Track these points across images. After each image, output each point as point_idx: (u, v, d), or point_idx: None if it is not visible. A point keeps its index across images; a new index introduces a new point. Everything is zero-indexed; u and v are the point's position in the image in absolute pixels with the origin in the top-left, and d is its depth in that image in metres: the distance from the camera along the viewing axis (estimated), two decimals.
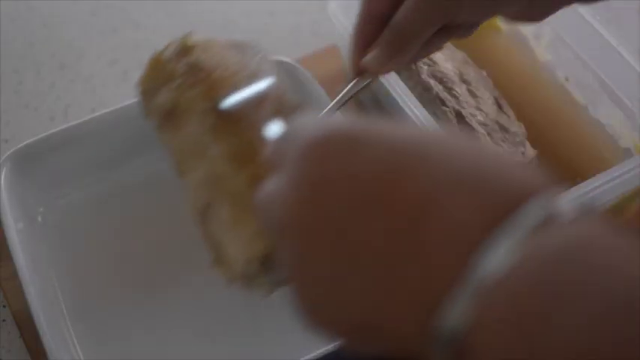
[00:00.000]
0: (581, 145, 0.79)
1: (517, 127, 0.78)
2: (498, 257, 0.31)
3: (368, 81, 0.60)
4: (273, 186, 0.40)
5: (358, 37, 0.60)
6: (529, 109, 0.81)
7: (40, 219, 0.73)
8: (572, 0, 0.58)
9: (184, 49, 0.60)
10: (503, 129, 0.76)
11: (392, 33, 0.57)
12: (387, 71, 0.60)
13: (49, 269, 0.70)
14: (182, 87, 0.58)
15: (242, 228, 0.53)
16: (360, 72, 0.60)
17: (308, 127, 0.40)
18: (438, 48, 0.62)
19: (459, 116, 0.74)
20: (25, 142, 0.72)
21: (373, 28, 0.58)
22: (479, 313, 0.31)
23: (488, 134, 0.74)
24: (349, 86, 0.59)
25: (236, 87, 0.56)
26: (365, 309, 0.36)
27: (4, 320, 0.71)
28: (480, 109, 0.76)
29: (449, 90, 0.76)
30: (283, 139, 0.41)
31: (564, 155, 0.78)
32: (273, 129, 0.49)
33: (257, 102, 0.55)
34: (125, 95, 0.86)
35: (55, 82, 0.88)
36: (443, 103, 0.75)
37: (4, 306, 0.71)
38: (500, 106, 0.78)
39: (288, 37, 0.93)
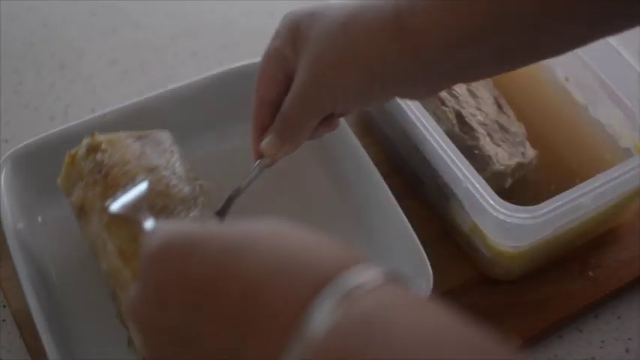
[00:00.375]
0: (581, 145, 0.79)
1: (517, 127, 0.78)
2: (310, 331, 0.38)
3: (269, 162, 0.65)
4: (132, 290, 0.46)
5: (254, 122, 0.65)
6: (529, 109, 0.81)
7: (40, 219, 0.73)
8: (455, 82, 0.60)
9: (92, 147, 0.65)
10: (503, 129, 0.76)
11: (280, 123, 0.63)
12: (283, 155, 0.65)
13: (49, 269, 0.70)
14: (87, 186, 0.64)
15: None
16: (260, 155, 0.65)
17: (155, 234, 0.46)
18: (332, 127, 0.66)
19: (459, 116, 0.74)
20: (25, 142, 0.72)
21: (267, 114, 0.64)
22: None
23: (488, 134, 0.74)
24: (254, 167, 0.66)
25: (130, 184, 0.62)
26: None
27: (4, 320, 0.71)
28: (480, 109, 0.76)
29: (449, 90, 0.76)
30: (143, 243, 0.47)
31: (564, 155, 0.78)
32: (149, 227, 0.56)
33: (146, 197, 0.60)
34: (125, 95, 0.86)
35: (55, 82, 0.88)
36: (443, 103, 0.75)
37: (4, 306, 0.71)
38: (500, 106, 0.78)
39: None
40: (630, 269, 0.75)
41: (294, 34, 0.61)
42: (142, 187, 0.61)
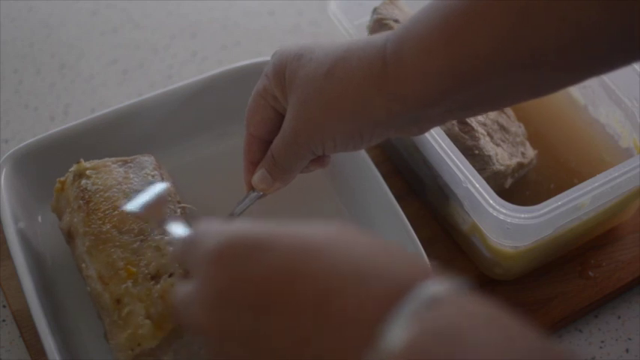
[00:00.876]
0: (581, 145, 0.79)
1: (517, 127, 0.78)
2: (386, 344, 0.38)
3: (261, 194, 0.67)
4: (188, 288, 0.46)
5: (246, 157, 0.66)
6: (529, 109, 0.81)
7: (40, 219, 0.73)
8: (448, 120, 0.60)
9: (78, 174, 0.67)
10: (503, 129, 0.76)
11: (270, 163, 0.64)
12: (274, 190, 0.66)
13: (49, 269, 0.70)
14: (73, 212, 0.66)
15: (114, 338, 0.61)
16: (252, 187, 0.67)
17: (213, 233, 0.45)
18: (323, 165, 0.66)
19: None
20: (25, 142, 0.72)
21: (258, 150, 0.65)
22: None
23: (488, 134, 0.74)
24: (246, 197, 0.67)
25: (111, 210, 0.64)
26: None
27: (4, 320, 0.71)
28: None
29: None
30: (189, 242, 0.47)
31: (564, 155, 0.78)
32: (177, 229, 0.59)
33: (165, 200, 0.63)
34: (125, 95, 0.86)
35: (55, 82, 0.88)
36: None
37: (4, 306, 0.71)
38: None
39: (288, 37, 0.93)
40: (630, 269, 0.75)
41: (281, 76, 0.61)
42: (160, 187, 0.64)
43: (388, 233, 0.71)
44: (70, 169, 0.68)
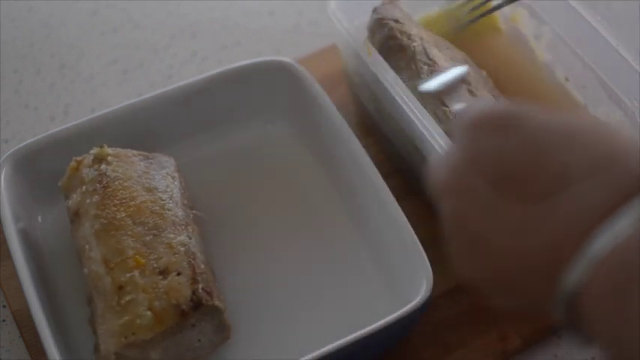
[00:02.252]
0: None
1: None
2: (611, 237, 0.38)
3: None
4: (444, 154, 0.48)
5: None
6: None
7: (40, 219, 0.73)
8: None
9: (99, 158, 0.68)
10: None
11: None
12: None
13: (48, 269, 0.70)
14: (86, 193, 0.66)
15: (106, 324, 0.61)
16: None
17: (477, 107, 0.47)
18: None
19: None
20: (25, 142, 0.72)
21: None
22: (589, 280, 0.39)
23: None
24: None
25: (129, 199, 0.65)
26: (502, 266, 0.43)
27: (4, 320, 0.71)
28: None
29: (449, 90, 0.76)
30: (460, 115, 0.50)
31: None
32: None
33: (462, 81, 0.63)
34: (125, 95, 0.86)
35: (55, 82, 0.88)
36: (443, 103, 0.75)
37: (4, 306, 0.71)
38: None
39: (288, 37, 0.93)
40: None
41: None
42: (460, 70, 0.64)
43: (388, 233, 0.71)
44: (91, 151, 0.68)
